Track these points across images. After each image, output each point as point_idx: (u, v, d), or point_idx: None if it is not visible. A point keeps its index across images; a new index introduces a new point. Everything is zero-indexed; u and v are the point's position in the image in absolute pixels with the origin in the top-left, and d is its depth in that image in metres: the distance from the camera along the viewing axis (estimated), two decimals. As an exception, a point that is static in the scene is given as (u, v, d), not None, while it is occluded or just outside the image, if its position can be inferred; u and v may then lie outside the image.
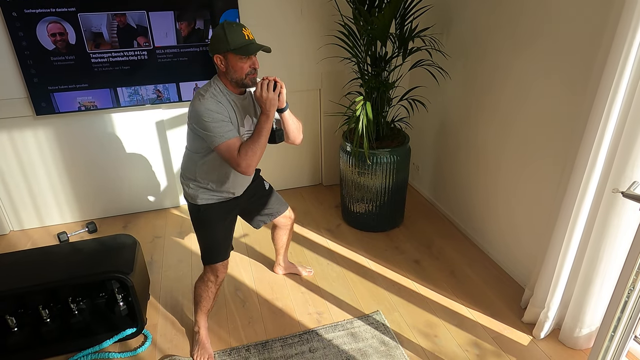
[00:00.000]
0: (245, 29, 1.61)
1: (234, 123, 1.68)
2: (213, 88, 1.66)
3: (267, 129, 1.65)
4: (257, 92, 1.62)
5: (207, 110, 1.59)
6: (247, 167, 1.63)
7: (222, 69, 1.64)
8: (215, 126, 1.60)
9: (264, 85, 1.61)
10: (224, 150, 1.62)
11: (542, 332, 1.98)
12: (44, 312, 1.97)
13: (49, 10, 2.42)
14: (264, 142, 1.66)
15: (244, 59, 1.60)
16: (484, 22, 2.35)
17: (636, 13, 1.35)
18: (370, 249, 2.71)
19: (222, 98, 1.66)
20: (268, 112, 1.63)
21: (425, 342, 2.01)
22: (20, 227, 3.00)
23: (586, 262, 1.77)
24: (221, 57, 1.62)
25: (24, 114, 2.65)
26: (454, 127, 2.78)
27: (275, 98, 1.62)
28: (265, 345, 2.01)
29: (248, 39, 1.60)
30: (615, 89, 1.46)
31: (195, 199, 1.84)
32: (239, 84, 1.67)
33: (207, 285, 1.89)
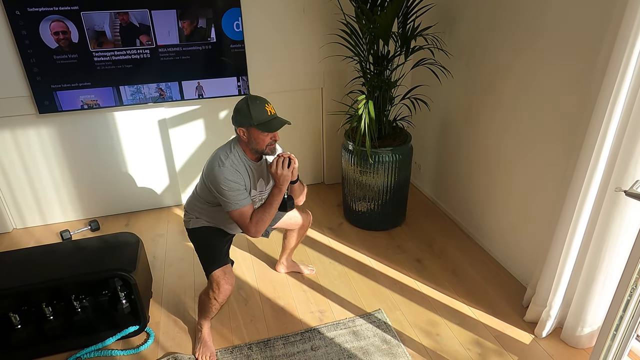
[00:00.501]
0: (268, 105, 1.69)
1: (247, 187, 1.77)
2: (233, 155, 1.75)
3: (277, 200, 1.77)
4: (272, 169, 1.72)
5: (225, 180, 1.69)
6: (256, 232, 1.76)
7: (244, 139, 1.74)
8: (232, 195, 1.70)
9: (280, 162, 1.71)
10: (237, 215, 1.74)
11: (544, 331, 1.98)
12: (47, 309, 1.98)
13: (52, 9, 2.43)
14: (274, 212, 1.78)
15: (265, 132, 1.67)
16: (486, 21, 2.34)
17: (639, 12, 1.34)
18: (372, 247, 2.71)
19: (240, 166, 1.75)
20: (281, 186, 1.74)
21: (427, 340, 2.02)
22: (23, 225, 3.01)
23: (588, 260, 1.77)
24: (244, 130, 1.70)
25: (27, 112, 2.65)
26: (456, 126, 2.78)
27: (289, 175, 1.73)
28: (267, 344, 2.02)
29: (271, 114, 1.69)
30: (618, 88, 1.45)
31: (194, 225, 1.95)
32: (259, 152, 1.78)
33: (210, 299, 1.85)
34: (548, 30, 1.93)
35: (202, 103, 2.95)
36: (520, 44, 2.12)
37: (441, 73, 2.72)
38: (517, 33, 2.13)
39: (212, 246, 1.91)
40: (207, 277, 1.86)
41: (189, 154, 3.10)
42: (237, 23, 2.74)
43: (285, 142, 3.27)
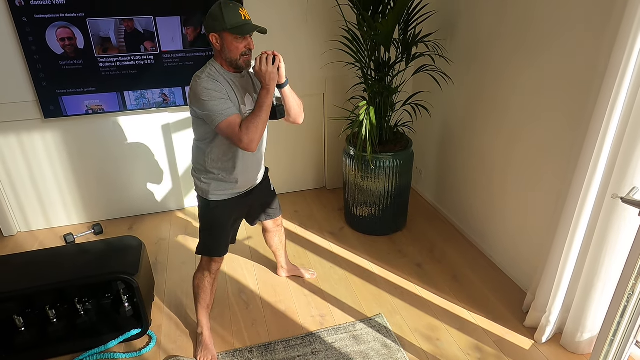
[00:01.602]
0: (242, 9, 1.61)
1: (234, 101, 1.68)
2: (209, 69, 1.66)
3: (267, 104, 1.64)
4: (256, 66, 1.62)
5: (204, 89, 1.59)
6: (249, 142, 1.62)
7: (217, 47, 1.64)
8: (214, 104, 1.60)
9: (263, 59, 1.61)
10: (225, 127, 1.61)
11: (544, 337, 1.99)
12: (51, 312, 2.01)
13: (58, 16, 2.47)
14: (265, 117, 1.65)
15: (239, 38, 1.60)
16: (487, 28, 2.37)
17: (635, 23, 1.36)
18: (373, 252, 2.72)
19: (219, 77, 1.65)
20: (268, 86, 1.62)
21: (427, 345, 2.03)
22: (28, 228, 3.04)
23: (587, 266, 1.78)
24: (217, 35, 1.61)
25: (33, 117, 2.69)
26: (457, 132, 2.79)
27: (275, 72, 1.63)
28: (268, 347, 2.03)
29: (245, 19, 1.60)
30: (615, 97, 1.47)
31: (207, 194, 1.85)
32: (233, 64, 1.67)
33: (204, 275, 1.93)
34: (551, 38, 1.95)
35: (205, 108, 2.98)
36: (522, 51, 2.14)
37: (442, 79, 2.75)
38: (517, 39, 2.15)
39: (219, 234, 1.91)
40: (198, 253, 1.93)
41: (192, 158, 3.13)
42: (240, 29, 2.77)
43: (288, 146, 3.30)
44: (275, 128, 3.17)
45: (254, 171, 1.92)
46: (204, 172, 1.83)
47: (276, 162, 3.32)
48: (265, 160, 3.19)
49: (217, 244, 1.91)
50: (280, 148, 3.28)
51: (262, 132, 1.65)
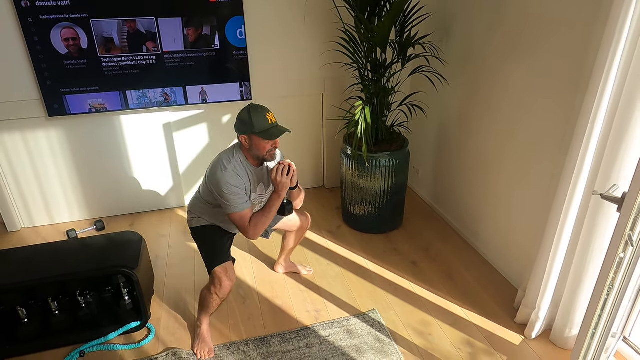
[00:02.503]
0: (269, 113, 1.79)
1: (247, 191, 1.86)
2: (235, 160, 1.83)
3: (276, 206, 1.86)
4: (272, 175, 1.82)
5: (227, 184, 1.77)
6: (254, 235, 1.85)
7: (246, 146, 1.83)
8: (233, 198, 1.79)
9: (279, 170, 1.81)
10: (236, 218, 1.83)
11: (534, 333, 2.03)
12: (53, 304, 2.06)
13: (62, 17, 2.53)
14: (273, 216, 1.87)
15: (267, 140, 1.77)
16: (482, 30, 2.41)
17: (619, 26, 1.41)
18: (369, 250, 2.77)
19: (241, 171, 1.84)
20: (280, 192, 1.84)
21: (419, 340, 2.07)
22: (32, 224, 3.10)
23: (575, 263, 1.82)
24: (246, 137, 1.79)
25: (37, 115, 2.75)
26: (453, 132, 2.84)
27: (288, 182, 1.83)
28: (264, 341, 2.08)
29: (271, 122, 1.78)
30: (600, 97, 1.51)
31: (197, 223, 2.04)
32: (259, 160, 1.88)
33: (212, 294, 1.94)
34: (543, 39, 2.00)
35: (206, 108, 3.04)
36: (515, 52, 2.18)
37: (438, 80, 2.79)
38: (511, 41, 2.20)
39: (213, 244, 1.99)
40: (209, 273, 1.94)
41: (193, 157, 3.19)
42: (240, 30, 2.83)
43: (287, 146, 3.34)
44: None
45: None
46: (198, 217, 2.03)
47: (275, 161, 3.37)
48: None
49: (216, 251, 1.97)
50: (280, 148, 3.32)
51: (267, 226, 1.88)
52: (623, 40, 1.42)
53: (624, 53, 1.44)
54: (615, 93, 1.51)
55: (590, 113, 1.56)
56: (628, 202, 1.16)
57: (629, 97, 1.47)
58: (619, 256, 1.23)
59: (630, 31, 1.41)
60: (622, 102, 1.50)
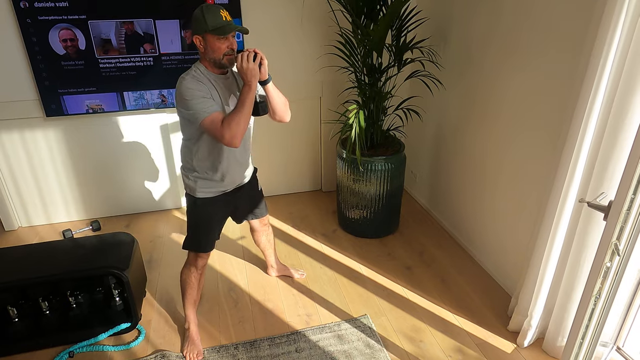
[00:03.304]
0: (223, 11, 1.67)
1: (217, 101, 1.72)
2: (194, 70, 1.73)
3: (249, 100, 1.67)
4: (237, 64, 1.65)
5: (187, 89, 1.65)
6: (231, 137, 1.65)
7: (201, 49, 1.71)
8: (197, 102, 1.65)
9: (244, 56, 1.64)
10: (208, 124, 1.66)
11: (526, 341, 2.01)
12: (44, 304, 2.07)
13: (61, 18, 2.55)
14: (247, 113, 1.68)
15: (221, 39, 1.66)
16: (479, 35, 2.40)
17: (608, 37, 1.39)
18: (363, 254, 2.76)
19: (202, 78, 1.70)
20: (250, 82, 1.65)
21: (410, 346, 2.05)
22: (29, 223, 3.12)
23: (567, 272, 1.80)
24: (200, 37, 1.68)
25: (35, 115, 2.77)
26: (450, 137, 2.82)
27: (256, 69, 1.65)
28: (253, 344, 2.07)
29: (225, 20, 1.66)
30: (592, 104, 1.50)
31: (194, 192, 1.91)
32: (217, 64, 1.72)
33: (190, 270, 1.99)
34: (540, 44, 1.98)
35: (203, 110, 3.05)
36: (513, 58, 2.17)
37: (434, 85, 2.78)
38: (509, 46, 2.18)
39: (205, 230, 1.97)
40: (185, 248, 1.99)
41: (190, 158, 3.19)
42: (237, 33, 2.83)
43: (284, 148, 3.36)
44: (271, 130, 3.22)
45: (240, 169, 1.96)
46: (191, 170, 1.89)
47: (272, 164, 3.37)
48: (262, 162, 3.24)
49: (203, 240, 1.97)
50: (277, 150, 3.33)
51: (244, 127, 1.68)
52: (613, 49, 1.41)
53: (615, 60, 1.43)
54: (606, 101, 1.50)
55: (581, 122, 1.54)
56: (614, 210, 1.15)
57: (621, 105, 1.45)
58: (606, 265, 1.21)
59: (620, 40, 1.40)
60: (614, 110, 1.48)
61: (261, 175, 3.37)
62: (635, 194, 1.12)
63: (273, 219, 3.17)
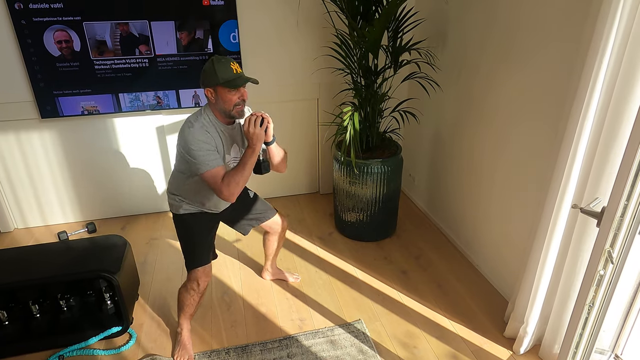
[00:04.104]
0: (234, 63, 1.71)
1: (219, 151, 1.77)
2: (203, 117, 1.75)
3: (251, 162, 1.74)
4: (244, 127, 1.71)
5: (195, 140, 1.68)
6: (229, 195, 1.72)
7: (212, 100, 1.74)
8: (202, 154, 1.69)
9: (252, 120, 1.70)
10: (208, 177, 1.71)
11: (522, 348, 1.97)
12: (34, 307, 2.05)
13: (55, 19, 2.54)
14: (248, 174, 1.74)
15: (232, 91, 1.69)
16: (476, 36, 2.37)
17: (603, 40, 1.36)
18: (359, 258, 2.72)
19: (210, 128, 1.74)
20: (254, 146, 1.71)
21: (403, 352, 2.02)
22: (25, 225, 3.11)
23: (564, 278, 1.76)
24: (211, 90, 1.72)
25: (30, 117, 2.76)
26: (447, 140, 2.79)
27: (262, 133, 1.71)
28: (245, 349, 2.05)
29: (236, 72, 1.69)
30: (586, 109, 1.46)
31: (178, 209, 1.94)
32: (227, 114, 1.76)
33: (189, 292, 1.93)
34: (536, 47, 1.95)
35: (199, 111, 3.03)
36: (510, 60, 2.13)
37: (431, 87, 2.75)
38: (506, 48, 2.15)
39: (198, 242, 1.95)
40: (187, 270, 1.93)
41: (186, 160, 3.17)
42: (233, 34, 2.82)
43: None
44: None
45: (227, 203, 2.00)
46: (178, 195, 1.93)
47: (269, 166, 3.34)
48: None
49: (199, 252, 1.94)
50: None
51: (243, 186, 1.74)
52: (608, 53, 1.37)
53: (610, 64, 1.40)
54: (601, 106, 1.46)
55: (576, 126, 1.51)
56: (607, 216, 1.11)
57: (616, 110, 1.41)
58: (599, 273, 1.18)
59: (614, 46, 1.37)
60: (609, 115, 1.44)
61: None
62: (629, 200, 1.09)
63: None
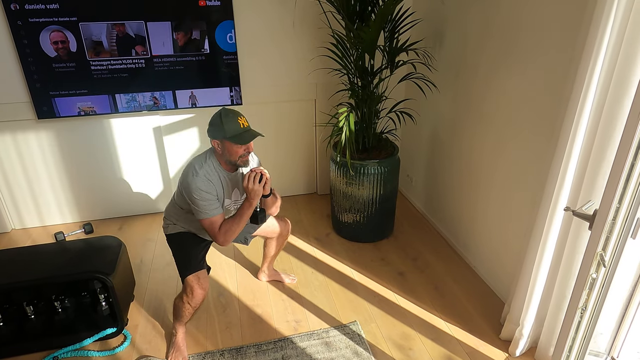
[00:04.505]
0: (241, 118, 1.75)
1: (220, 197, 1.83)
2: (207, 165, 1.80)
3: (248, 214, 1.81)
4: (244, 183, 1.77)
5: (198, 190, 1.74)
6: (224, 242, 1.81)
7: (218, 151, 1.79)
8: (203, 204, 1.76)
9: (251, 177, 1.75)
10: (207, 224, 1.79)
11: (518, 350, 1.96)
12: (29, 308, 2.05)
13: (52, 20, 2.53)
14: (244, 224, 1.83)
15: (239, 144, 1.73)
16: (474, 38, 2.36)
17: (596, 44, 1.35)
18: (356, 259, 2.72)
19: (213, 176, 1.80)
20: (252, 200, 1.78)
21: (399, 354, 2.01)
22: (22, 225, 3.11)
23: (559, 280, 1.75)
24: (218, 141, 1.76)
25: (27, 118, 2.76)
26: (445, 141, 2.78)
27: (260, 189, 1.77)
28: (239, 351, 2.04)
29: (243, 127, 1.74)
30: (580, 113, 1.45)
31: (171, 230, 2.01)
32: (232, 164, 1.82)
33: (184, 303, 1.92)
34: (533, 49, 1.94)
35: (196, 112, 3.03)
36: (508, 61, 2.12)
37: (427, 88, 2.74)
38: (504, 49, 2.14)
39: (187, 252, 1.96)
40: (182, 281, 1.91)
41: (183, 161, 3.17)
42: (230, 35, 2.81)
43: (279, 151, 3.33)
44: (266, 133, 3.19)
45: None
46: (173, 224, 2.00)
47: (267, 167, 3.31)
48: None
49: (191, 260, 1.94)
50: (272, 153, 3.30)
51: (237, 234, 1.82)
52: (601, 57, 1.36)
53: (604, 66, 1.38)
54: (596, 107, 1.45)
55: (570, 128, 1.50)
56: (599, 219, 1.10)
57: (610, 112, 1.40)
58: (592, 276, 1.17)
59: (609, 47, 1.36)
60: (604, 116, 1.43)
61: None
62: (621, 203, 1.08)
63: (266, 222, 3.14)
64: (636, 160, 1.03)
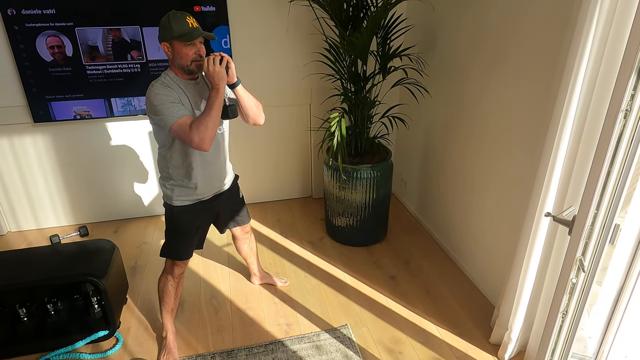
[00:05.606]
0: (190, 17, 1.67)
1: (187, 106, 1.73)
2: (163, 77, 1.74)
3: (217, 103, 1.67)
4: (204, 67, 1.66)
5: (155, 95, 1.66)
6: (200, 141, 1.64)
7: (169, 56, 1.72)
8: (165, 108, 1.65)
9: (210, 59, 1.65)
10: (176, 128, 1.66)
11: (507, 354, 1.97)
12: (21, 311, 2.06)
13: (48, 25, 2.56)
14: (215, 116, 1.67)
15: (188, 45, 1.66)
16: (466, 44, 2.38)
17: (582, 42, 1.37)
18: (348, 262, 2.73)
19: (172, 84, 1.72)
20: (217, 85, 1.66)
21: (388, 357, 2.02)
22: (18, 228, 3.13)
23: (546, 285, 1.77)
24: (167, 44, 1.69)
25: (23, 121, 2.79)
26: (438, 145, 2.80)
27: (223, 71, 1.66)
28: (230, 354, 2.05)
29: (192, 26, 1.66)
30: (565, 118, 1.47)
31: (171, 200, 1.91)
32: (186, 70, 1.72)
33: (167, 278, 1.98)
34: (527, 53, 1.96)
35: (191, 116, 3.05)
36: (500, 67, 2.14)
37: (421, 93, 2.76)
38: (496, 56, 2.16)
39: (182, 240, 1.96)
40: (165, 257, 1.99)
41: (178, 164, 3.19)
42: (225, 40, 2.84)
43: (274, 155, 3.35)
44: (260, 136, 3.22)
45: (216, 177, 1.95)
46: (168, 178, 1.89)
47: (261, 170, 3.36)
48: (251, 168, 3.23)
49: (180, 248, 1.96)
50: (266, 156, 3.32)
51: (213, 131, 1.67)
52: (584, 65, 1.38)
53: (587, 71, 1.41)
54: (579, 114, 1.47)
55: (555, 134, 1.52)
56: (577, 225, 1.12)
57: (594, 119, 1.42)
58: (572, 281, 1.18)
59: (591, 54, 1.38)
60: (588, 123, 1.45)
61: (250, 182, 3.37)
62: (598, 209, 1.09)
63: (260, 225, 3.16)
64: (612, 167, 1.05)
